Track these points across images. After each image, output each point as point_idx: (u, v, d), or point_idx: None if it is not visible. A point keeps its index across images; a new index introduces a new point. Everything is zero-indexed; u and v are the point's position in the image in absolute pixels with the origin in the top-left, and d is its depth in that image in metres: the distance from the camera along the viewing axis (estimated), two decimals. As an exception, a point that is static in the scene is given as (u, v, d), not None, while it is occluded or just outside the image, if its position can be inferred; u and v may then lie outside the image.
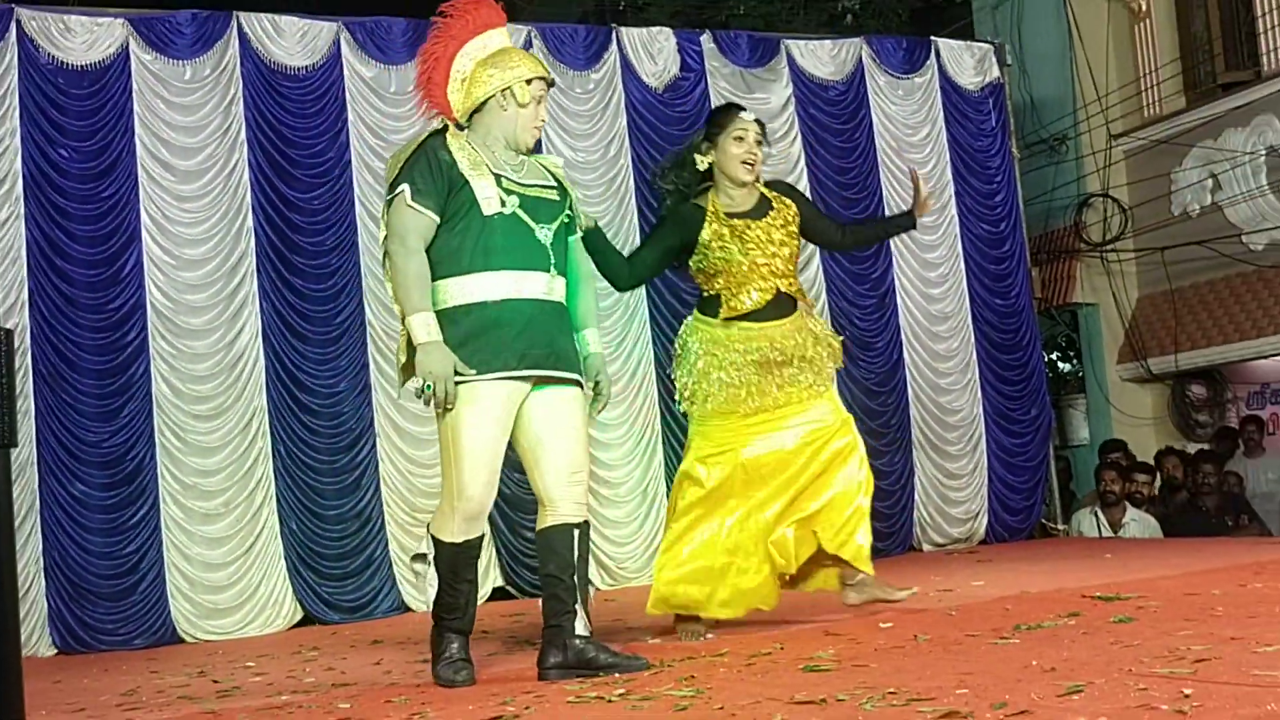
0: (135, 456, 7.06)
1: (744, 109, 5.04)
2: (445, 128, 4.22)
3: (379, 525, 7.42)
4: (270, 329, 7.36)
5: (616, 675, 3.90)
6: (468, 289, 4.06)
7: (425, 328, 3.98)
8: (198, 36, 7.42)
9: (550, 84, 4.33)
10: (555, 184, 4.29)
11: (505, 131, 4.21)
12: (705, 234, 4.83)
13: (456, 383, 3.96)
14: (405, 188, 4.05)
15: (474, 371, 3.98)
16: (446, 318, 4.04)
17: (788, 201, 5.00)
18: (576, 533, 4.12)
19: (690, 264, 4.94)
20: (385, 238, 4.11)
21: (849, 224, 5.90)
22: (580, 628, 4.06)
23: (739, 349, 4.84)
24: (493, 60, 4.23)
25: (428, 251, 4.07)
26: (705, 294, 4.97)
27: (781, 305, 4.89)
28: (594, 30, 8.41)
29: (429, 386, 3.94)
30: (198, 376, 7.22)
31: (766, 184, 5.05)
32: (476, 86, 4.21)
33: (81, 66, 7.19)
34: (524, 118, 4.20)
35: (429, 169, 4.07)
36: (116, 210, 7.19)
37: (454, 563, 4.11)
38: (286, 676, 4.99)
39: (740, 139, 4.86)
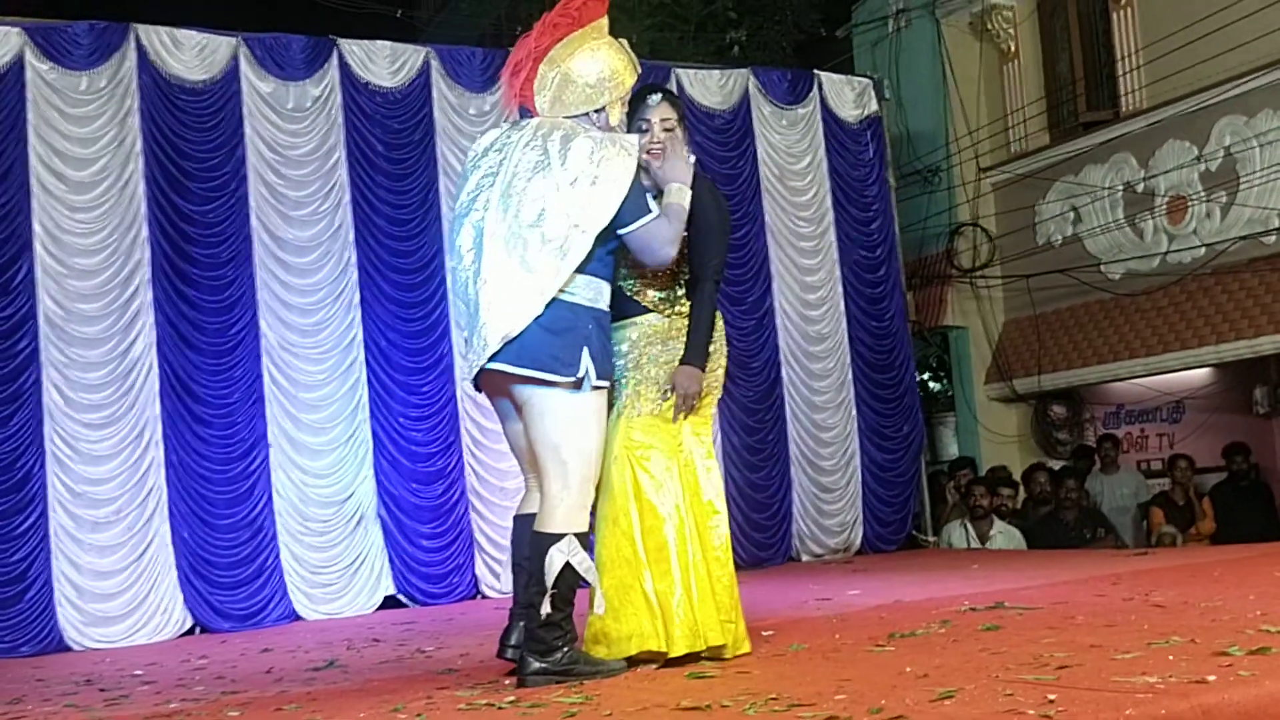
0: (24, 464, 6.83)
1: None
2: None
3: (271, 534, 7.27)
4: (164, 339, 7.17)
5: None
6: (607, 297, 3.92)
7: None
8: (95, 48, 7.22)
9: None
10: None
11: None
12: None
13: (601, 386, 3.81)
14: (656, 209, 3.92)
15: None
16: (594, 318, 3.82)
17: None
18: None
19: None
20: (669, 240, 3.88)
21: None
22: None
23: None
24: (590, 58, 4.13)
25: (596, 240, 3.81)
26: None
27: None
28: (492, 54, 8.32)
29: None
30: (90, 385, 7.01)
31: None
32: (570, 93, 4.14)
33: (-25, 75, 6.96)
34: None
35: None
36: (8, 219, 6.97)
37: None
38: (175, 685, 4.85)
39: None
